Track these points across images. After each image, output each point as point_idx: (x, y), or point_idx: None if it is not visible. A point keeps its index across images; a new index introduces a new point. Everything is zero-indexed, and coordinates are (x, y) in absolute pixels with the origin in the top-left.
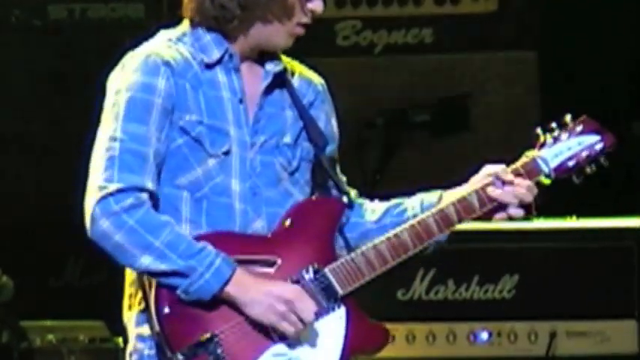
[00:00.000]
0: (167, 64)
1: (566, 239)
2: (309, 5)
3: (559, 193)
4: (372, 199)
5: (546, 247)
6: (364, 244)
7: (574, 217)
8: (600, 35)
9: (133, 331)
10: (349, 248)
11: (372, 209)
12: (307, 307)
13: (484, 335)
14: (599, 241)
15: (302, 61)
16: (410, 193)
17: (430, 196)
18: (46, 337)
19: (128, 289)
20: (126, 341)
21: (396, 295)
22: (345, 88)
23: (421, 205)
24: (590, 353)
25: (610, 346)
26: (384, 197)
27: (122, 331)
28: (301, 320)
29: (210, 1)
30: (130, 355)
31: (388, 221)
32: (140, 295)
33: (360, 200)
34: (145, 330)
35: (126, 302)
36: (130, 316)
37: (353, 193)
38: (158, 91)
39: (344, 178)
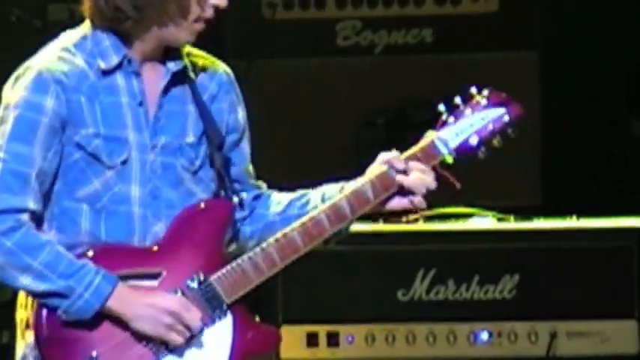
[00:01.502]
0: (58, 81)
1: (567, 239)
2: (211, 1)
3: (559, 193)
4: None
5: (546, 247)
6: (270, 236)
7: (574, 217)
8: (600, 35)
9: (26, 332)
10: (257, 240)
11: (278, 201)
12: (193, 315)
13: (484, 335)
14: (600, 241)
15: (302, 62)
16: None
17: (332, 189)
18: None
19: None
20: None
21: (397, 296)
22: (346, 89)
23: (322, 198)
24: (590, 353)
25: (610, 347)
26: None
27: None
28: (189, 329)
29: (104, 2)
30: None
31: (291, 213)
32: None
33: (268, 192)
34: None
35: (19, 300)
36: (22, 314)
37: (262, 185)
38: (46, 110)
39: (252, 171)
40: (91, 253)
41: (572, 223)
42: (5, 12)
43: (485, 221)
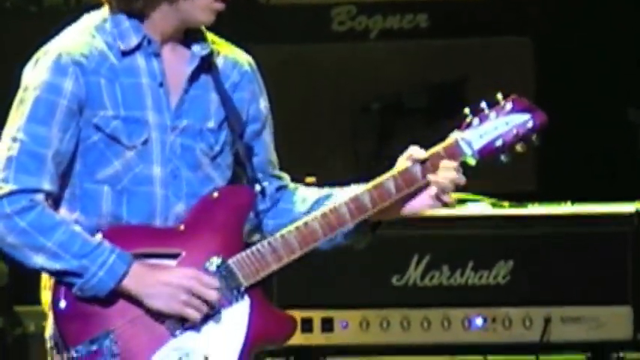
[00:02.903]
0: (78, 63)
1: (561, 225)
2: None
3: (554, 179)
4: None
5: (541, 233)
6: None
7: (569, 203)
8: (595, 22)
9: (50, 313)
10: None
11: (303, 198)
12: (209, 289)
13: (479, 321)
14: (594, 226)
15: (298, 47)
16: None
17: (358, 188)
18: (39, 322)
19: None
20: None
21: (391, 282)
22: (341, 74)
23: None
24: (584, 339)
25: (604, 332)
26: None
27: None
28: (206, 302)
29: None
30: (50, 338)
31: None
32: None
33: (293, 186)
34: None
35: (43, 282)
36: (46, 296)
37: (286, 178)
38: (64, 92)
39: (276, 161)
40: (106, 233)
41: (566, 209)
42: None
43: (479, 207)
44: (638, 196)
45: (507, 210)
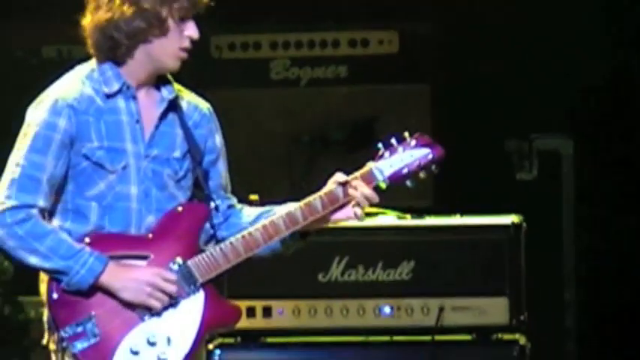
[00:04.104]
0: (71, 106)
1: (452, 233)
2: (186, 32)
3: (446, 197)
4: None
5: (437, 239)
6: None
7: (458, 215)
8: (478, 74)
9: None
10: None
11: (249, 214)
12: (168, 283)
13: (387, 309)
14: (478, 234)
15: (243, 91)
16: None
17: (293, 205)
18: (38, 309)
19: None
20: None
21: (317, 278)
22: (278, 113)
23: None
24: (470, 323)
25: (486, 318)
26: None
27: None
28: (166, 294)
29: (102, 36)
30: (46, 322)
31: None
32: None
33: (240, 206)
34: None
35: (40, 277)
36: (43, 288)
37: (234, 199)
38: (59, 129)
39: (228, 185)
40: (88, 240)
41: (456, 220)
42: (8, 52)
43: (387, 219)
44: (512, 211)
45: (409, 221)
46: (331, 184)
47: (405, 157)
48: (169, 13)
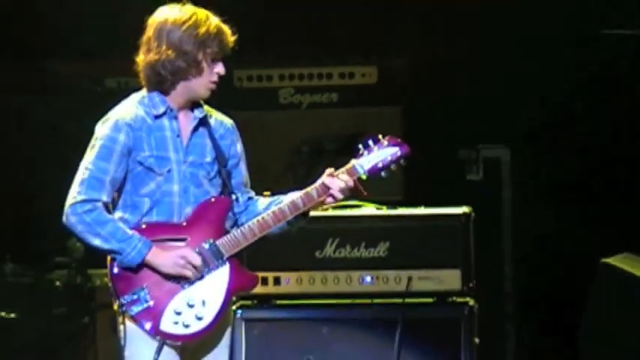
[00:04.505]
0: (128, 124)
1: (418, 220)
2: (215, 70)
3: (414, 192)
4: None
5: (406, 225)
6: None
7: (423, 207)
8: (448, 99)
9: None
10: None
11: (262, 203)
12: (195, 258)
13: (368, 279)
14: (438, 221)
15: (258, 113)
16: None
17: (296, 194)
18: (103, 279)
19: None
20: None
21: (315, 254)
22: (284, 129)
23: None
24: (432, 289)
25: (444, 285)
26: None
27: None
28: (195, 267)
29: (151, 72)
30: (109, 290)
31: (271, 209)
32: None
33: (256, 197)
34: None
35: (107, 257)
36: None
37: (252, 192)
38: (119, 142)
39: (248, 182)
40: (144, 226)
41: (421, 210)
42: (79, 82)
43: (368, 209)
44: (464, 204)
45: (385, 211)
46: (324, 177)
47: (380, 154)
48: (204, 57)
